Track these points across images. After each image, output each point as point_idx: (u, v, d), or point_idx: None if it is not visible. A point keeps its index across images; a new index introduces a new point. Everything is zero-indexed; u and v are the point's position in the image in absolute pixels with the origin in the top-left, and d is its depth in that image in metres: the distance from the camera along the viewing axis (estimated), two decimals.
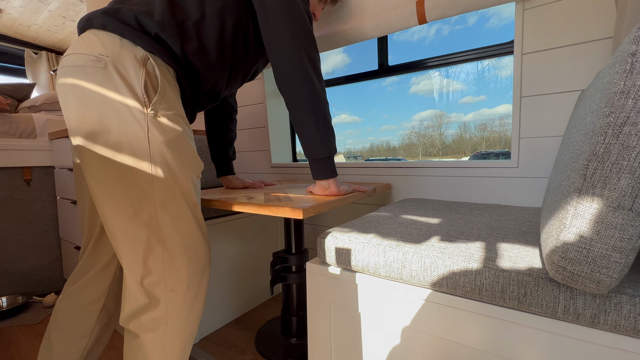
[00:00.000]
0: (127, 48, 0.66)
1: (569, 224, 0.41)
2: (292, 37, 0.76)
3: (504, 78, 1.32)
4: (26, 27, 2.88)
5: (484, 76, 1.37)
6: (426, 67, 1.33)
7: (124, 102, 0.64)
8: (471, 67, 1.38)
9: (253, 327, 1.27)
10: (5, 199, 1.67)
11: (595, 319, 0.43)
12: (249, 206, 0.80)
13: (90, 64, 0.65)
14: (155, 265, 0.68)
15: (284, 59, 0.77)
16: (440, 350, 0.57)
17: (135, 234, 0.67)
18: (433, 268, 0.56)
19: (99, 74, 0.64)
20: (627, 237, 0.37)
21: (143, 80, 0.65)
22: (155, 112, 0.66)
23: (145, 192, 0.66)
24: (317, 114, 0.79)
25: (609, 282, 0.39)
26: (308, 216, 0.72)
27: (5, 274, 1.69)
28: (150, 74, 0.67)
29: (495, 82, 1.35)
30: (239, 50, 0.83)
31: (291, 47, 0.76)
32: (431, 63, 1.30)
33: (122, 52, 0.66)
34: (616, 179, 0.37)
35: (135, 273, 0.68)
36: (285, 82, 0.78)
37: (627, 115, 0.36)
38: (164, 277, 0.69)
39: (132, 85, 0.65)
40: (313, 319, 0.73)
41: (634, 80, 0.35)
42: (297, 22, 0.78)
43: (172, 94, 0.71)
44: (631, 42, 0.36)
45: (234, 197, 0.90)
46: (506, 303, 0.50)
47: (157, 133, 0.66)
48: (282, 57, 0.77)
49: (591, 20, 0.87)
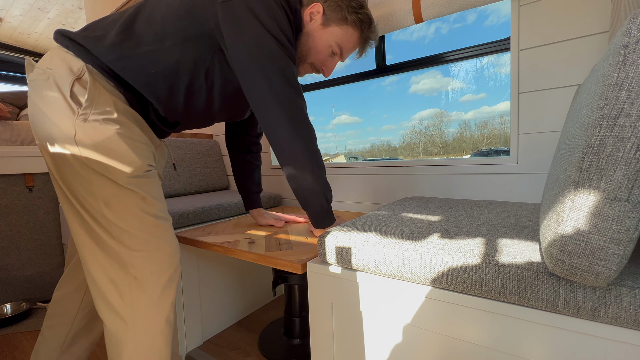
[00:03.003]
0: (68, 60, 0.70)
1: (566, 217, 0.41)
2: (292, 132, 0.74)
3: (504, 76, 1.32)
4: (26, 35, 2.90)
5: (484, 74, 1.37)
6: (424, 66, 1.33)
7: (57, 110, 0.68)
8: (471, 65, 1.39)
9: (256, 328, 1.27)
10: (7, 206, 1.68)
11: (596, 312, 0.43)
12: (249, 254, 0.84)
13: (38, 77, 0.70)
14: (110, 262, 0.71)
15: (289, 151, 0.76)
16: (441, 346, 0.57)
17: (89, 230, 0.71)
18: (433, 265, 0.56)
19: (43, 86, 0.69)
20: (624, 228, 0.37)
21: (71, 88, 0.68)
22: (85, 117, 0.68)
23: (88, 192, 0.70)
24: (317, 181, 0.79)
25: (607, 274, 0.39)
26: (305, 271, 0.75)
27: (9, 281, 1.69)
28: (83, 83, 0.69)
29: (495, 80, 1.35)
30: (195, 94, 0.80)
31: (293, 142, 0.75)
32: (429, 61, 1.30)
33: (62, 64, 0.70)
34: (612, 171, 0.37)
35: (95, 268, 0.71)
36: (288, 166, 0.78)
37: (621, 107, 0.36)
38: (122, 270, 0.71)
39: (64, 93, 0.68)
40: (315, 318, 0.73)
41: (626, 72, 0.36)
42: (290, 103, 0.75)
43: (109, 101, 0.71)
44: (623, 35, 0.36)
45: (236, 241, 0.94)
46: (506, 298, 0.50)
47: (84, 136, 0.68)
48: (284, 146, 0.76)
49: (587, 15, 0.87)
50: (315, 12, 0.82)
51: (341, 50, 0.87)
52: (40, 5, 2.42)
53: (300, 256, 0.77)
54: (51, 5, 2.43)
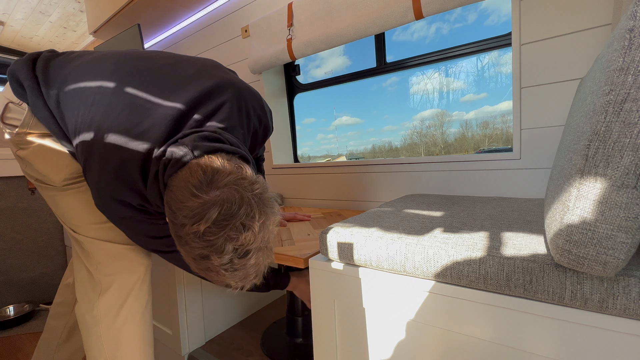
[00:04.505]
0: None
1: (572, 206, 0.40)
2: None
3: (505, 75, 1.31)
4: (28, 39, 2.92)
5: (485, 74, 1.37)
6: (425, 63, 1.32)
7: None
8: (472, 65, 1.38)
9: (259, 328, 1.26)
10: (10, 208, 1.69)
11: (604, 303, 0.42)
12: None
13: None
14: (76, 260, 0.78)
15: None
16: (445, 342, 0.56)
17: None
18: (436, 259, 0.55)
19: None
20: (632, 216, 0.36)
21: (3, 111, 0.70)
22: (19, 135, 0.70)
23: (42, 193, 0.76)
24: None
25: (615, 263, 0.38)
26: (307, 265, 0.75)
27: (12, 283, 1.70)
28: (10, 110, 0.70)
29: (496, 80, 1.35)
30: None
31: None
32: (430, 58, 1.29)
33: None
34: (619, 157, 0.36)
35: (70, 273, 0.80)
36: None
37: (627, 92, 0.35)
38: (86, 274, 0.77)
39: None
40: (317, 315, 0.72)
41: (632, 56, 0.35)
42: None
43: (41, 125, 0.71)
44: (629, 18, 0.36)
45: None
46: (512, 291, 0.49)
47: (15, 149, 0.73)
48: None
49: (588, 7, 0.87)
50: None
51: None
52: (42, 9, 2.43)
53: (303, 251, 0.76)
54: (53, 9, 2.45)
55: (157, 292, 1.16)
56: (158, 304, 1.17)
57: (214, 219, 0.50)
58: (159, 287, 1.15)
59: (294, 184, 1.61)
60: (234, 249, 0.52)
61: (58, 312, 0.95)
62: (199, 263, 0.54)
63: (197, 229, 0.51)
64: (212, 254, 0.51)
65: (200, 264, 0.54)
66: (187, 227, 0.51)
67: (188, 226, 0.51)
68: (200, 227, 0.50)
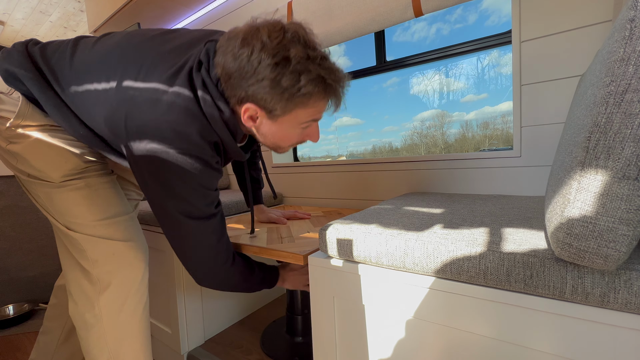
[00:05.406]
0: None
1: (573, 199, 0.39)
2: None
3: (505, 75, 1.31)
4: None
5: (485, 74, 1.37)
6: (425, 62, 1.32)
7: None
8: (472, 65, 1.38)
9: (258, 327, 1.26)
10: (10, 207, 1.68)
11: (605, 297, 0.41)
12: (250, 248, 0.84)
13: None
14: (67, 260, 0.77)
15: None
16: (445, 338, 0.56)
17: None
18: (436, 254, 0.55)
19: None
20: (634, 208, 0.35)
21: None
22: (11, 128, 0.69)
23: (35, 189, 0.75)
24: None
25: (617, 256, 0.37)
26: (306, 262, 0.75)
27: (12, 282, 1.69)
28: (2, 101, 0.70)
29: (497, 80, 1.35)
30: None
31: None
32: (430, 56, 1.29)
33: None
34: (620, 149, 0.35)
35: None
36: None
37: (628, 83, 0.35)
38: (81, 272, 0.76)
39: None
40: (317, 313, 0.72)
41: (633, 46, 0.34)
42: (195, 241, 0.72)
43: (38, 116, 0.71)
44: (629, 8, 0.35)
45: (238, 235, 0.95)
46: (512, 286, 0.48)
47: (5, 144, 0.70)
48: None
49: (589, 4, 0.86)
50: (253, 116, 0.67)
51: (313, 120, 0.72)
52: (42, 9, 2.44)
53: (302, 248, 0.76)
54: (53, 9, 2.45)
55: (156, 291, 1.15)
56: (158, 303, 1.17)
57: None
58: (159, 287, 1.14)
59: (294, 183, 1.61)
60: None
61: (54, 313, 0.94)
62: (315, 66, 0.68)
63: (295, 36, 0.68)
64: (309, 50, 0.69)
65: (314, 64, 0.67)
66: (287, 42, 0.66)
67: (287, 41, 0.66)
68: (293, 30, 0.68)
